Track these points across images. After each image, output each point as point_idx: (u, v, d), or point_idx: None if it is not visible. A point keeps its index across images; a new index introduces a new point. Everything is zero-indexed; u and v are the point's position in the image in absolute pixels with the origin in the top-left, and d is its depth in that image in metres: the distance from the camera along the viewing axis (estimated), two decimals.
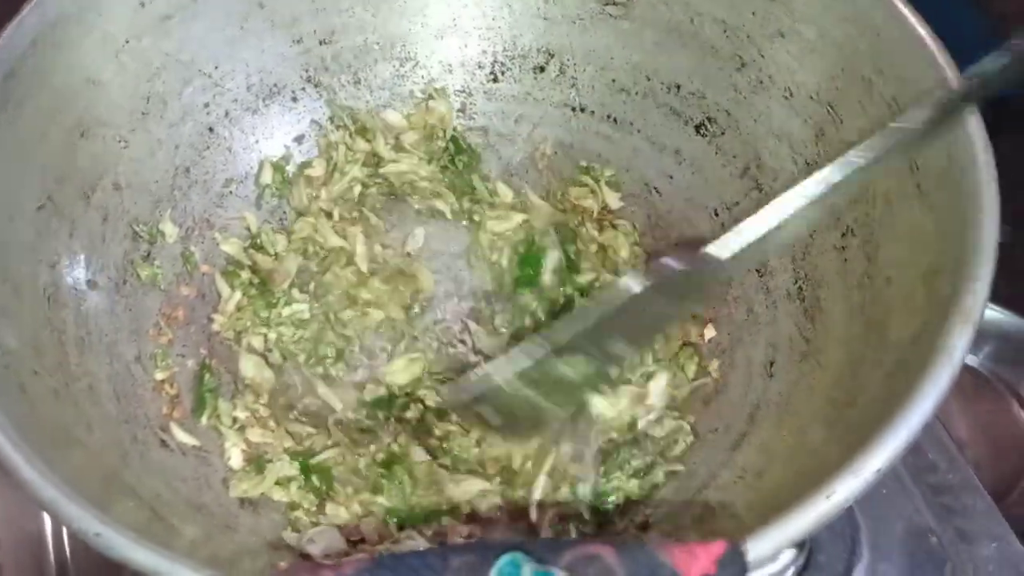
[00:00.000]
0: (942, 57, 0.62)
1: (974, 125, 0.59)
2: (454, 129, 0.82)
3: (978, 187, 0.57)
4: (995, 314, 1.06)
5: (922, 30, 0.63)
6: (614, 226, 0.81)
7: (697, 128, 0.78)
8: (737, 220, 0.71)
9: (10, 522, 0.75)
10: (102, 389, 0.64)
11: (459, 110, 0.84)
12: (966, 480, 0.74)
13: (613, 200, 0.82)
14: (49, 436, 0.55)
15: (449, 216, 0.82)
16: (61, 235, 0.67)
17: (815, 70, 0.71)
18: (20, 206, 0.64)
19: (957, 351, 0.52)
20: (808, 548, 0.69)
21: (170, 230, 0.75)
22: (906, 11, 0.64)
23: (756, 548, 0.47)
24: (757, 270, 0.74)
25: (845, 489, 0.48)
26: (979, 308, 0.53)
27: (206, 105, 0.76)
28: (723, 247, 0.61)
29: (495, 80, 0.84)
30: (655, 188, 0.81)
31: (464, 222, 0.82)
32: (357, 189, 0.81)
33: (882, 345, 0.60)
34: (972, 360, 1.05)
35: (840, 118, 0.69)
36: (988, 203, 0.57)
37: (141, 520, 0.55)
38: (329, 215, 0.79)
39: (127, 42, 0.71)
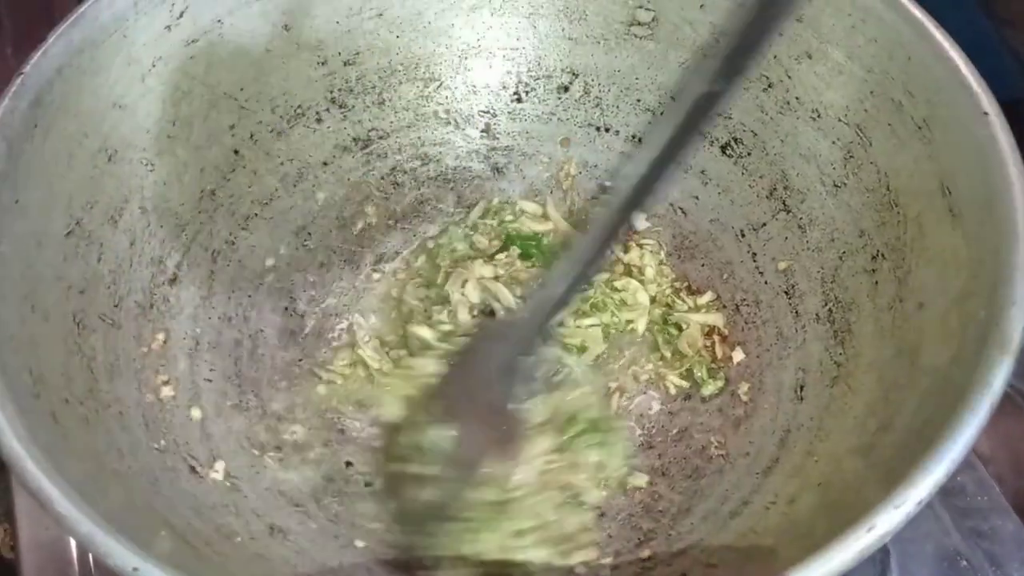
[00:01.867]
0: (974, 80, 0.62)
1: (1006, 148, 0.59)
2: None
3: (1012, 211, 0.57)
4: None
5: (953, 52, 0.63)
6: (640, 246, 0.80)
7: (723, 148, 0.78)
8: (765, 241, 0.72)
9: (34, 539, 0.75)
10: (131, 415, 0.64)
11: (483, 131, 0.84)
12: (994, 502, 0.73)
13: (639, 220, 0.81)
14: (82, 465, 0.55)
15: None
16: (90, 260, 0.66)
17: (843, 92, 0.71)
18: (48, 232, 0.64)
19: (997, 380, 0.52)
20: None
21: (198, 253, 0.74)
22: (937, 34, 0.64)
23: None
24: (786, 292, 0.73)
25: (886, 522, 0.48)
26: (1017, 334, 0.53)
27: (231, 127, 0.76)
28: None
29: (519, 100, 0.83)
30: (680, 208, 0.81)
31: None
32: None
33: (915, 371, 0.60)
34: None
35: (869, 140, 0.69)
36: (1023, 227, 0.56)
37: (174, 551, 0.55)
38: None
39: (153, 66, 0.70)
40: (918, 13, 0.65)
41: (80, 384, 0.61)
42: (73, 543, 0.73)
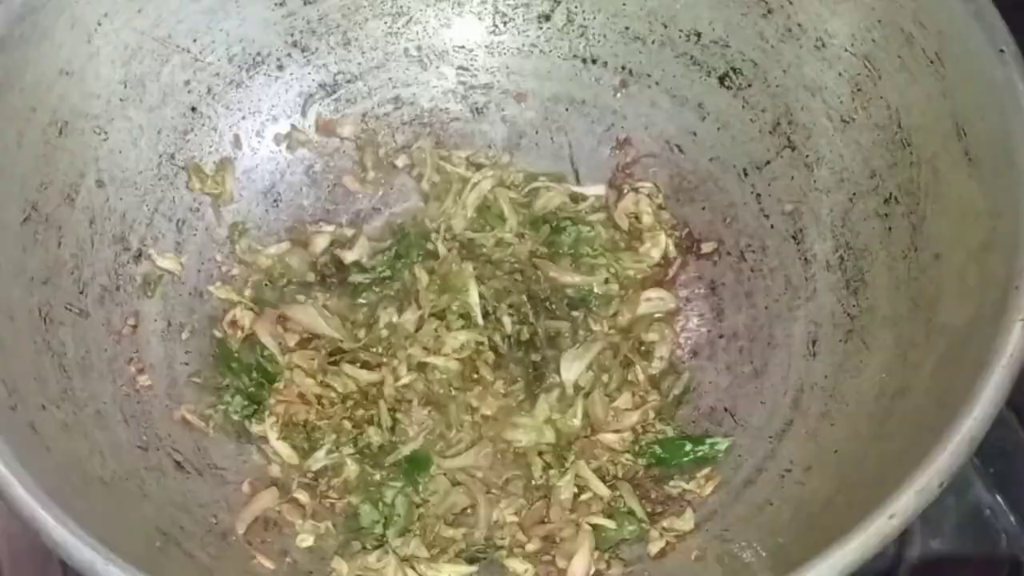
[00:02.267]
0: (988, 11, 0.64)
1: None
2: None
3: None
4: None
5: None
6: (635, 190, 0.83)
7: (721, 79, 0.81)
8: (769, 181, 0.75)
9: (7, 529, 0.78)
10: (109, 413, 0.68)
11: (459, 68, 0.86)
12: (1018, 445, 0.78)
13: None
14: (68, 479, 0.59)
15: None
16: (50, 246, 0.69)
17: (849, 19, 0.73)
18: (4, 222, 0.66)
19: (1017, 348, 0.55)
20: None
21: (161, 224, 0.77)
22: None
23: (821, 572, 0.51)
24: (793, 236, 0.77)
25: (908, 508, 0.52)
26: None
27: (187, 83, 0.78)
28: None
29: (496, 32, 0.85)
30: (677, 146, 0.83)
31: None
32: None
33: (932, 329, 0.64)
34: None
35: (878, 73, 0.72)
36: None
37: (175, 563, 0.59)
38: None
39: (99, 24, 0.72)
40: None
41: (54, 386, 0.65)
42: None
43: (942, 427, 0.55)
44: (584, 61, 0.85)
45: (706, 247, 0.82)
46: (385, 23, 0.84)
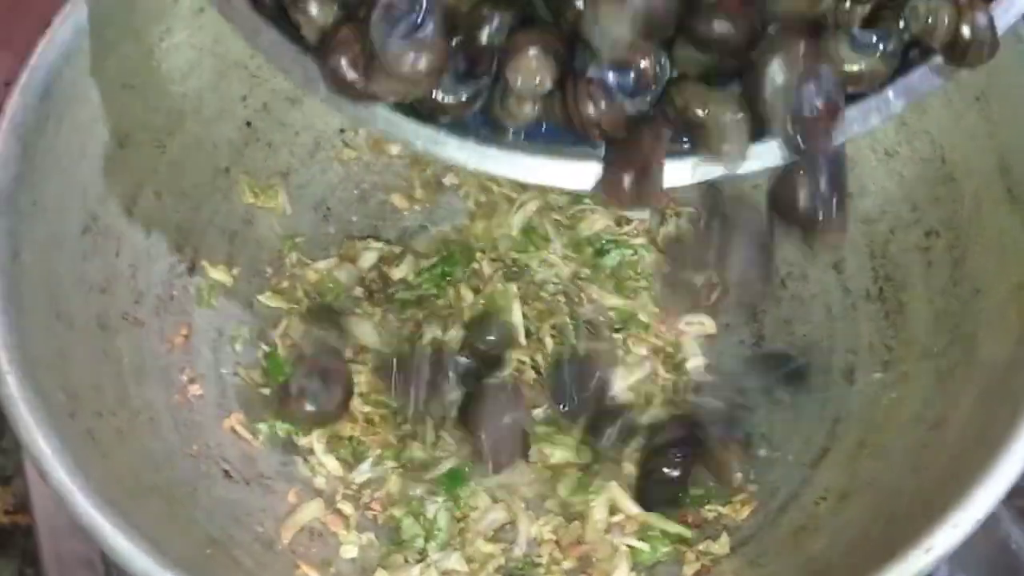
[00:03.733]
0: None
1: None
2: None
3: None
4: None
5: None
6: (678, 214, 0.84)
7: None
8: None
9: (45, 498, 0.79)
10: (162, 421, 0.69)
11: None
12: None
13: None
14: (123, 486, 0.60)
15: None
16: (108, 256, 0.71)
17: None
18: (65, 232, 0.68)
19: None
20: None
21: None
22: None
23: None
24: (834, 266, 0.78)
25: (944, 543, 0.53)
26: None
27: (244, 98, 0.79)
28: None
29: None
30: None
31: None
32: None
33: (972, 363, 0.65)
34: None
35: (923, 108, 0.73)
36: None
37: (224, 570, 0.61)
38: None
39: (161, 40, 0.74)
40: None
41: (111, 393, 0.66)
42: None
43: (981, 463, 0.55)
44: None
45: None
46: None
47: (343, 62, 0.44)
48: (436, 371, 0.75)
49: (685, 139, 0.47)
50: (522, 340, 0.77)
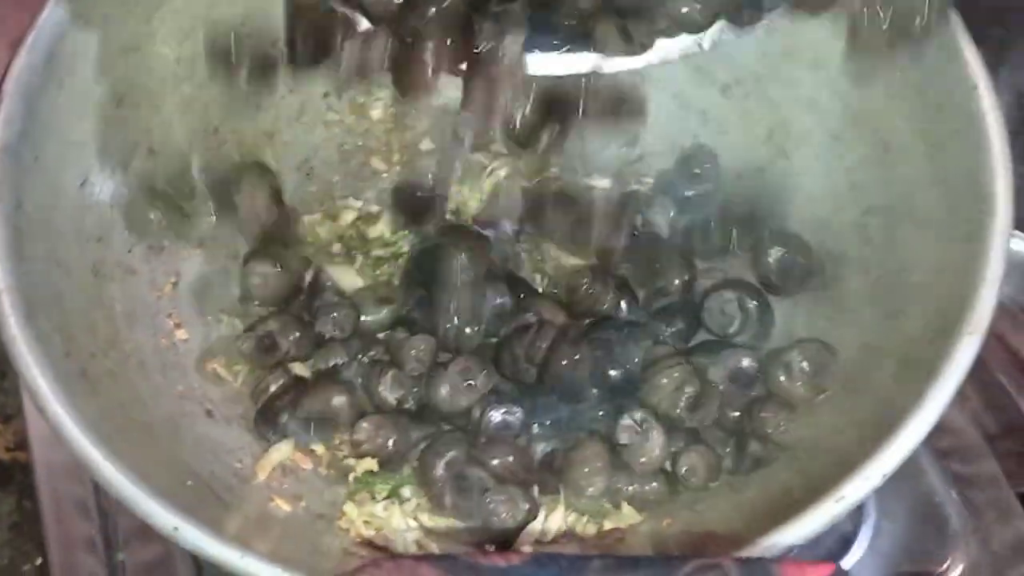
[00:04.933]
0: (966, 46, 0.70)
1: (992, 123, 0.67)
2: None
3: (993, 190, 0.66)
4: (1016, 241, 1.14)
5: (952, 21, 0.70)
6: (639, 183, 0.89)
7: (723, 90, 0.86)
8: None
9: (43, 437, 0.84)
10: (150, 363, 0.74)
11: None
12: (973, 444, 0.84)
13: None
14: (113, 421, 0.65)
15: None
16: (103, 208, 0.75)
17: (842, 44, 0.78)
18: (64, 185, 0.72)
19: (965, 358, 0.61)
20: None
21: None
22: None
23: (767, 548, 0.57)
24: None
25: (855, 492, 0.59)
26: (987, 314, 0.63)
27: None
28: None
29: None
30: (680, 146, 0.89)
31: None
32: None
33: (895, 334, 0.70)
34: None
35: (866, 93, 0.77)
36: (1001, 207, 0.65)
37: (205, 504, 0.66)
38: None
39: (158, 7, 0.77)
40: None
41: (103, 336, 0.71)
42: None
43: (892, 424, 0.61)
44: None
45: None
46: None
47: None
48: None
49: None
50: None
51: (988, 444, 0.88)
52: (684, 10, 0.61)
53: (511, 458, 0.72)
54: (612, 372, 0.75)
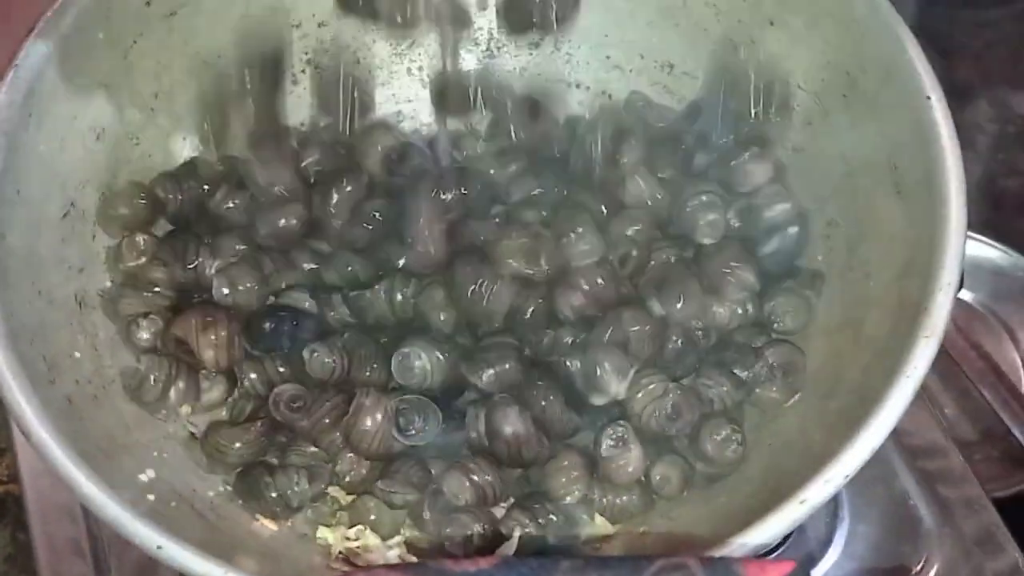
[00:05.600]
0: (920, 63, 0.72)
1: (946, 134, 0.69)
2: None
3: (947, 198, 0.68)
4: (989, 249, 1.17)
5: (903, 34, 0.73)
6: None
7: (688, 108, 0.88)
8: None
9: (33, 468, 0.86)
10: None
11: None
12: (941, 443, 0.86)
13: None
14: (97, 445, 0.67)
15: None
16: (85, 239, 0.77)
17: (802, 61, 0.81)
18: (46, 216, 0.74)
19: (922, 362, 0.63)
20: None
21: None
22: (889, 15, 0.73)
23: (734, 551, 0.59)
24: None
25: (817, 495, 0.60)
26: (942, 320, 0.65)
27: None
28: None
29: (492, 57, 0.93)
30: None
31: None
32: None
33: (859, 340, 0.72)
34: (965, 295, 1.17)
35: (826, 110, 0.79)
36: (956, 215, 0.67)
37: (188, 521, 0.67)
38: None
39: (134, 42, 0.80)
40: None
41: (87, 363, 0.73)
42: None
43: (852, 428, 0.62)
44: (568, 85, 0.93)
45: None
46: (391, 45, 0.92)
47: None
48: None
49: None
50: None
51: (964, 451, 0.89)
52: None
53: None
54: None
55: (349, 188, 0.83)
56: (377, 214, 0.81)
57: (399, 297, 0.78)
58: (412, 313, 0.79)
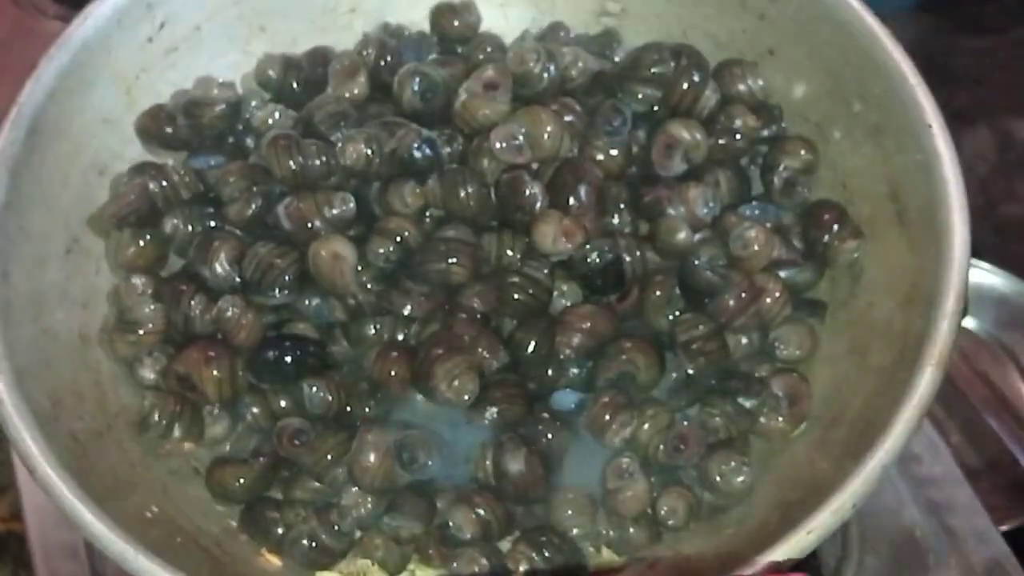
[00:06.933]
0: (920, 91, 0.73)
1: (947, 163, 0.70)
2: None
3: (949, 227, 0.68)
4: (993, 276, 1.18)
5: (903, 63, 0.74)
6: None
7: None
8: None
9: (37, 507, 0.86)
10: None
11: None
12: (949, 472, 0.86)
13: None
14: (102, 481, 0.68)
15: None
16: (88, 274, 0.78)
17: (803, 89, 0.81)
18: (50, 252, 0.75)
19: (927, 390, 0.64)
20: None
21: None
22: (888, 44, 0.74)
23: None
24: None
25: (823, 526, 0.61)
26: (947, 347, 0.65)
27: None
28: None
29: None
30: None
31: None
32: None
33: (863, 368, 0.72)
34: (970, 323, 1.18)
35: (827, 138, 0.80)
36: (958, 242, 0.68)
37: (193, 557, 0.68)
38: None
39: (137, 78, 0.81)
40: (872, 22, 0.75)
41: (91, 400, 0.73)
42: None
43: (859, 457, 0.63)
44: None
45: None
46: None
47: None
48: None
49: None
50: None
51: (971, 480, 0.89)
52: None
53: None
54: None
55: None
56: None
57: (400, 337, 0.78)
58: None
